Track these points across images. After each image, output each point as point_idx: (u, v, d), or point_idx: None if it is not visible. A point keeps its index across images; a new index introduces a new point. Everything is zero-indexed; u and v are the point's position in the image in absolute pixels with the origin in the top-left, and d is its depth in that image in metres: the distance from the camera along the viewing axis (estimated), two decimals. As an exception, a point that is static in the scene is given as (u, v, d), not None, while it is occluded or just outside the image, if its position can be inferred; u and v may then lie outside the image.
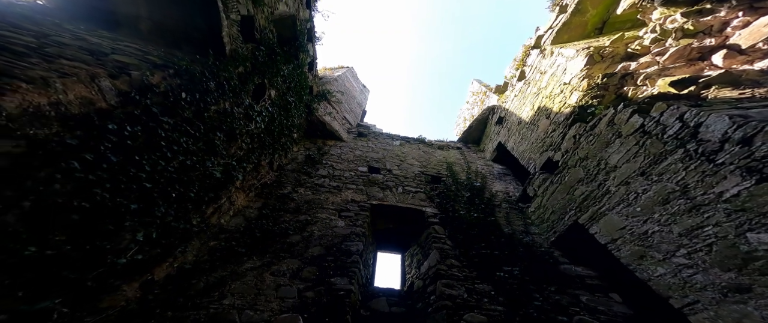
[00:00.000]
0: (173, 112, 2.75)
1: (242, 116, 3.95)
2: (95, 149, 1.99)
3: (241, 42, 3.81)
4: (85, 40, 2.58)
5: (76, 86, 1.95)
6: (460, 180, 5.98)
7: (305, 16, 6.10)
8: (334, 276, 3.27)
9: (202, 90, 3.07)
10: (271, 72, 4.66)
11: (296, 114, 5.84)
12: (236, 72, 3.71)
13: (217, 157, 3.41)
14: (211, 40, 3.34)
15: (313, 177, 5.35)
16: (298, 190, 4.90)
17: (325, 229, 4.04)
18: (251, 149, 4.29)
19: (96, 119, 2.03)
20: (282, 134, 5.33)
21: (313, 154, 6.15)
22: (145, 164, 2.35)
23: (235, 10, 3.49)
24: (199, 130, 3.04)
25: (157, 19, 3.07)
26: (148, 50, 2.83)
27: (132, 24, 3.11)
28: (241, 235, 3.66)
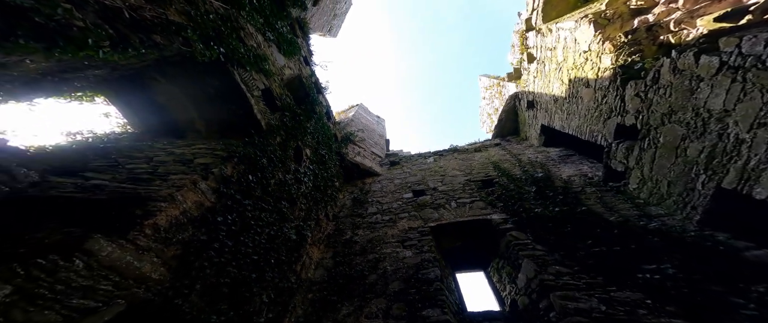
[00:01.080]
0: (248, 194, 3.43)
1: (293, 180, 4.63)
2: (217, 238, 2.62)
3: (270, 113, 4.68)
4: (173, 152, 3.47)
5: (189, 194, 2.66)
6: (516, 176, 5.96)
7: (307, 72, 7.21)
8: (425, 307, 3.41)
9: (260, 167, 3.80)
10: (301, 132, 5.47)
11: (331, 164, 6.54)
12: (276, 143, 4.49)
13: (288, 222, 4.04)
14: (249, 121, 4.18)
15: (365, 217, 5.74)
16: (357, 232, 5.29)
17: (396, 262, 4.28)
18: (309, 207, 4.90)
19: (209, 217, 2.70)
20: (327, 187, 5.95)
21: (357, 195, 6.65)
22: (248, 241, 2.97)
23: (256, 87, 4.39)
24: (269, 203, 3.70)
25: (207, 117, 4.02)
26: (212, 147, 3.67)
27: (192, 127, 4.09)
28: (328, 284, 4.10)
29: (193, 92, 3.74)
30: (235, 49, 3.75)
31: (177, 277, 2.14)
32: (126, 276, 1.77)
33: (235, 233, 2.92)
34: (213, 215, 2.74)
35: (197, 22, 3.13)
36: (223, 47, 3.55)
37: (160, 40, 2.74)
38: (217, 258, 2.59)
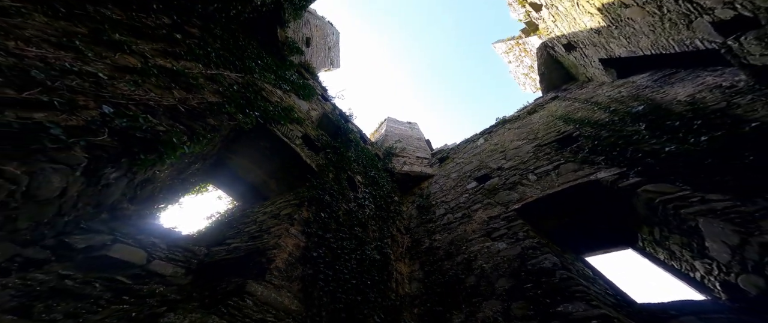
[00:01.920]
0: (326, 228, 3.79)
1: (356, 207, 4.91)
2: (320, 270, 3.00)
3: (315, 155, 5.17)
4: (266, 211, 4.17)
5: (287, 239, 3.09)
6: (603, 121, 5.09)
7: (329, 107, 7.81)
8: (558, 303, 2.86)
9: (326, 204, 4.23)
10: (346, 163, 5.85)
11: (384, 182, 6.74)
12: (330, 179, 4.87)
13: (367, 244, 4.30)
14: (302, 167, 4.72)
15: (436, 220, 5.65)
16: (434, 238, 5.20)
17: (491, 258, 4.02)
18: (380, 226, 5.08)
19: (306, 254, 3.10)
20: (388, 203, 6.12)
21: (420, 202, 6.63)
22: (342, 268, 3.31)
23: (295, 136, 4.94)
24: (345, 232, 4.02)
25: (274, 176, 4.67)
26: (287, 198, 4.18)
27: (267, 187, 4.79)
28: (427, 296, 4.11)
29: (255, 157, 4.46)
30: (265, 109, 4.36)
31: (307, 307, 2.69)
32: (278, 309, 2.32)
33: (330, 263, 3.38)
34: (309, 251, 3.13)
35: (228, 97, 3.77)
36: (256, 111, 4.16)
37: (213, 121, 3.35)
38: (326, 286, 3.04)
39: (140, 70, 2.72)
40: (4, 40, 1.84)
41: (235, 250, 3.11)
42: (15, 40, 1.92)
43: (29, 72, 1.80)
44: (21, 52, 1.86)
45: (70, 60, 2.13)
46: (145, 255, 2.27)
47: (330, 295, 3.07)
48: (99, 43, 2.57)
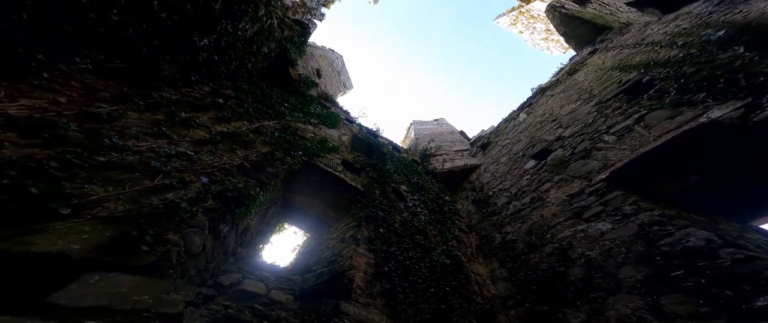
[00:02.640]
0: (389, 242, 4.18)
1: (410, 216, 5.17)
2: (395, 283, 3.35)
3: (358, 176, 5.62)
4: (334, 237, 4.65)
5: (358, 259, 3.51)
6: (678, 58, 4.45)
7: (356, 129, 8.35)
8: (751, 296, 2.22)
9: (381, 219, 4.67)
10: (387, 176, 6.19)
11: (429, 185, 6.94)
12: (377, 195, 5.23)
13: (432, 251, 4.57)
14: (351, 190, 5.24)
15: (501, 212, 5.62)
16: (506, 230, 5.15)
17: (594, 243, 3.48)
18: (440, 230, 5.27)
19: (379, 269, 3.50)
20: (440, 205, 6.29)
21: (474, 196, 6.66)
22: (416, 278, 3.70)
23: (336, 164, 5.45)
24: (406, 242, 4.40)
25: (329, 204, 5.22)
26: (347, 222, 4.65)
27: (327, 216, 5.40)
28: (522, 295, 4.01)
29: (311, 192, 5.04)
30: (305, 147, 4.92)
31: (395, 321, 2.94)
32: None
33: (403, 275, 3.66)
34: (380, 267, 3.46)
35: (274, 144, 4.37)
36: (299, 150, 4.71)
37: (271, 169, 3.91)
38: (406, 298, 3.30)
39: (210, 140, 3.35)
40: (125, 142, 2.49)
41: (321, 275, 3.58)
42: (130, 139, 2.57)
43: (149, 163, 2.40)
44: (138, 149, 2.49)
45: (166, 145, 2.75)
46: (264, 286, 2.88)
47: (413, 307, 3.29)
48: (175, 124, 3.26)
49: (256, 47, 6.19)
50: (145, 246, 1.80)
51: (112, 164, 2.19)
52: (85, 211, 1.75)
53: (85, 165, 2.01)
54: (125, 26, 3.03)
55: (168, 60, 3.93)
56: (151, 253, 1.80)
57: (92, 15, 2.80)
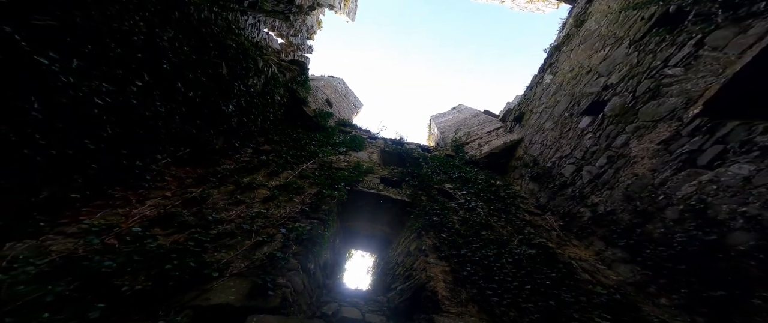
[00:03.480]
0: (455, 245, 4.50)
1: (467, 213, 5.54)
2: (481, 286, 3.64)
3: (401, 188, 6.17)
4: (400, 253, 5.05)
5: (432, 269, 3.89)
6: None
7: (381, 143, 9.00)
8: None
9: (439, 224, 4.98)
10: (426, 179, 6.62)
11: (473, 175, 7.28)
12: (425, 201, 5.66)
13: (507, 243, 4.59)
14: (398, 204, 5.73)
15: (572, 183, 5.53)
16: (592, 201, 4.84)
17: (740, 194, 2.98)
18: (507, 219, 5.48)
19: (457, 275, 3.84)
20: (495, 192, 6.54)
21: (531, 173, 6.76)
22: (503, 277, 3.78)
23: (376, 183, 6.14)
24: (474, 240, 4.62)
25: (383, 223, 5.75)
26: (406, 235, 5.11)
27: (385, 233, 5.91)
28: (669, 279, 3.44)
29: (363, 216, 5.68)
30: (343, 176, 5.63)
31: None
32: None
33: (486, 276, 3.75)
34: (458, 273, 3.79)
35: (319, 183, 5.08)
36: (340, 181, 5.38)
37: (325, 206, 4.59)
38: (501, 301, 3.33)
39: (272, 196, 4.13)
40: (220, 214, 3.28)
41: (402, 292, 3.92)
42: (222, 211, 3.38)
43: (242, 227, 3.15)
44: (230, 218, 3.27)
45: (245, 209, 3.53)
46: (358, 311, 3.38)
47: (514, 308, 3.22)
48: (244, 190, 4.09)
49: (270, 98, 7.14)
50: (270, 291, 2.49)
51: (222, 234, 2.99)
52: (225, 272, 2.49)
53: (208, 239, 2.81)
54: (173, 115, 3.93)
55: (213, 134, 4.85)
56: (276, 295, 2.48)
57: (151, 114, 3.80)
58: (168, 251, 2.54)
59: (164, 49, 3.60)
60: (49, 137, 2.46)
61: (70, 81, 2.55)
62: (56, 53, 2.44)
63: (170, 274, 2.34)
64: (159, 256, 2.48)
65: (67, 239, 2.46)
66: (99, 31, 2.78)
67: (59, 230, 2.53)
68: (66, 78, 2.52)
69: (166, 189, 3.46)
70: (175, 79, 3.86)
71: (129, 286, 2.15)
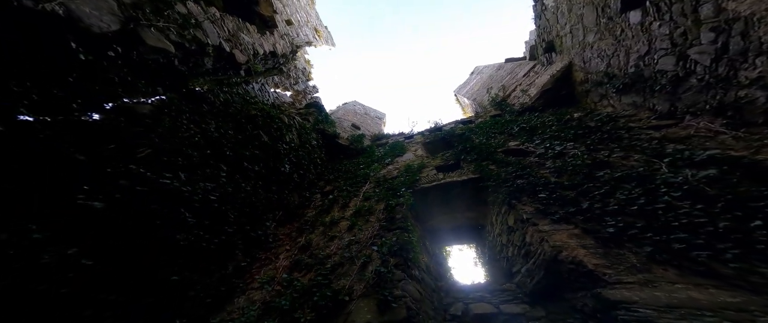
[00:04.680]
0: (566, 199, 4.17)
1: (559, 158, 5.13)
2: (630, 237, 3.20)
3: (461, 169, 6.01)
4: (497, 231, 4.77)
5: (557, 236, 3.61)
6: None
7: (420, 138, 8.90)
8: None
9: (524, 186, 4.64)
10: (481, 147, 6.30)
11: (537, 120, 6.74)
12: (494, 171, 5.37)
13: (659, 172, 3.61)
14: (470, 186, 5.61)
15: (691, 71, 4.23)
16: (747, 76, 3.65)
17: None
18: (626, 145, 4.51)
19: (596, 240, 3.48)
20: (579, 124, 5.86)
21: (613, 87, 5.75)
22: (669, 222, 3.20)
23: (434, 175, 6.15)
24: (593, 187, 4.10)
25: (464, 210, 5.72)
26: (493, 211, 4.90)
27: (471, 219, 5.86)
28: None
29: (440, 210, 5.69)
30: (401, 182, 5.82)
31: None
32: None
33: (650, 226, 3.00)
34: (597, 233, 3.18)
35: (383, 197, 5.28)
36: (400, 187, 5.51)
37: (399, 215, 4.65)
38: (716, 255, 2.63)
39: (352, 224, 4.55)
40: (324, 252, 3.56)
41: (531, 273, 3.46)
42: (325, 249, 3.63)
43: (344, 254, 3.38)
44: (334, 252, 3.57)
45: (339, 241, 3.79)
46: (490, 305, 3.37)
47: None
48: (330, 227, 4.67)
49: (309, 145, 7.58)
50: (393, 303, 2.74)
51: (334, 265, 3.56)
52: (352, 295, 2.97)
53: (328, 272, 3.47)
54: (256, 189, 4.57)
55: (287, 194, 5.56)
56: (400, 307, 2.72)
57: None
58: (309, 287, 3.27)
59: (218, 138, 4.25)
60: (211, 233, 3.66)
61: (190, 189, 3.48)
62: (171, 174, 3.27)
63: (319, 304, 2.96)
64: (306, 292, 3.22)
65: (256, 292, 3.62)
66: (181, 143, 3.58)
67: (250, 287, 3.74)
68: (186, 189, 3.39)
69: (285, 245, 4.48)
70: (239, 160, 4.54)
71: (303, 318, 2.90)
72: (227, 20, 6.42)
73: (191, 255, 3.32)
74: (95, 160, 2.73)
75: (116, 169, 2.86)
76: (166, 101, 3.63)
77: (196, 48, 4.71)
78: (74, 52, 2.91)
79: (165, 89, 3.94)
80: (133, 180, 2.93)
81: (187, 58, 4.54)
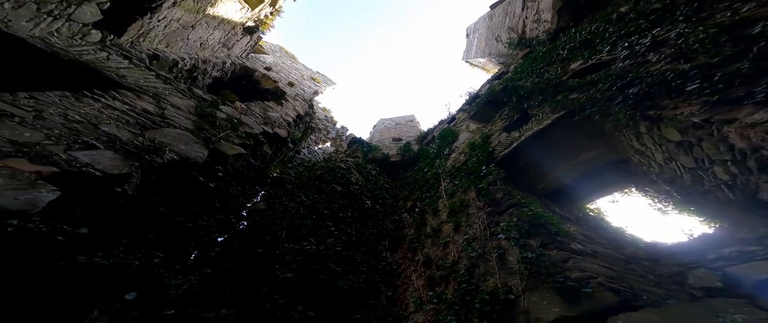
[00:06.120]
0: None
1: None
2: None
3: (540, 110, 5.64)
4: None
5: None
6: None
7: (466, 109, 8.73)
8: None
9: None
10: (522, 88, 5.91)
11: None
12: (591, 93, 5.03)
13: None
14: (567, 115, 5.11)
15: None
16: None
17: None
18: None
19: None
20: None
21: None
22: None
23: (515, 137, 5.70)
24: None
25: (579, 144, 5.11)
26: (626, 128, 4.53)
27: (592, 160, 5.20)
28: None
29: (539, 167, 5.26)
30: (478, 161, 5.67)
31: None
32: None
33: None
34: None
35: (467, 184, 5.19)
36: (482, 166, 5.26)
37: (500, 195, 4.52)
38: None
39: (456, 223, 4.55)
40: (449, 260, 3.63)
41: None
42: (447, 257, 3.71)
43: (470, 255, 3.43)
44: (460, 256, 3.59)
45: (454, 245, 3.80)
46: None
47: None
48: (436, 236, 4.68)
49: (371, 176, 7.99)
50: (583, 287, 2.35)
51: (468, 269, 3.49)
52: (515, 291, 2.76)
53: (468, 277, 3.41)
54: (357, 230, 4.97)
55: (382, 223, 6.11)
56: (597, 290, 2.31)
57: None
58: (461, 296, 3.09)
59: (311, 204, 5.04)
60: (354, 274, 4.32)
61: (323, 247, 4.24)
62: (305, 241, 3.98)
63: (484, 310, 2.75)
64: (462, 303, 3.05)
65: (417, 315, 3.69)
66: (291, 218, 4.00)
67: (408, 311, 3.89)
68: (321, 248, 4.22)
69: (408, 266, 4.64)
70: (334, 213, 5.24)
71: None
72: (252, 107, 7.20)
73: (355, 296, 3.84)
74: (269, 248, 4.00)
75: (283, 250, 3.98)
76: (265, 194, 4.25)
77: (253, 142, 5.37)
78: (204, 183, 3.65)
79: (258, 184, 4.60)
80: (295, 254, 3.88)
81: (254, 153, 5.19)
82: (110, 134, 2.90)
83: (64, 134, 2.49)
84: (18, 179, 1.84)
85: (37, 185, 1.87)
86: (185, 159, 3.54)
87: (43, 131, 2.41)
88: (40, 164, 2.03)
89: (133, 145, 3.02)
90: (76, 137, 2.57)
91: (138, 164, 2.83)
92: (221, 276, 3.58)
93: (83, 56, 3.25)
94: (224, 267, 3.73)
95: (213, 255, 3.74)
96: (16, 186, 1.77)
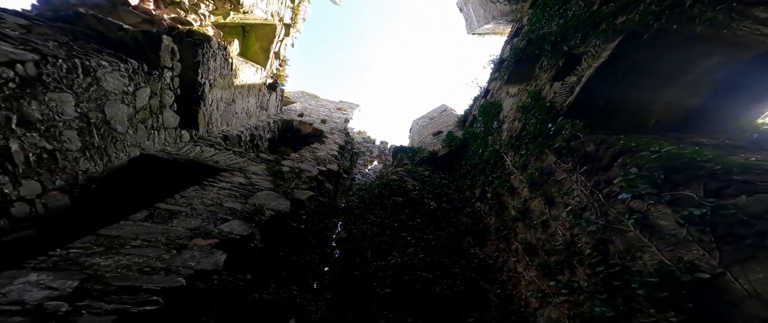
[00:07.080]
0: None
1: None
2: None
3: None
4: None
5: None
6: None
7: (504, 72, 8.77)
8: None
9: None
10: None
11: None
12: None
13: None
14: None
15: None
16: None
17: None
18: None
19: None
20: None
21: None
22: None
23: (563, 90, 5.71)
24: None
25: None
26: None
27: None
28: None
29: (643, 97, 4.97)
30: (544, 109, 5.61)
31: None
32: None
33: None
34: None
35: (539, 147, 5.22)
36: (547, 115, 5.32)
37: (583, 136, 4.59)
38: None
39: (546, 194, 4.56)
40: (556, 241, 3.82)
41: None
42: (553, 239, 3.91)
43: (587, 228, 3.50)
44: (567, 233, 3.72)
45: (554, 220, 3.93)
46: None
47: None
48: (525, 216, 4.78)
49: (425, 178, 8.29)
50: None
51: (597, 243, 3.40)
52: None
53: (589, 257, 3.27)
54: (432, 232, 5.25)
55: (457, 222, 6.18)
56: None
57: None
58: (606, 280, 2.68)
59: (380, 221, 5.60)
60: (449, 278, 4.32)
61: (405, 258, 4.50)
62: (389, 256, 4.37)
63: (664, 296, 2.20)
64: (616, 289, 2.59)
65: (546, 309, 3.48)
66: (371, 238, 4.41)
67: (531, 307, 3.77)
68: (404, 259, 4.47)
69: (509, 257, 4.64)
70: (404, 223, 5.63)
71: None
72: (304, 153, 8.07)
73: (458, 300, 3.98)
74: (362, 268, 4.45)
75: (373, 269, 4.38)
76: (342, 223, 4.86)
77: (316, 183, 6.13)
78: (296, 227, 4.44)
79: (334, 217, 5.24)
80: (385, 270, 4.23)
81: (321, 192, 5.94)
82: (231, 207, 3.84)
83: (210, 216, 3.48)
84: (204, 250, 2.74)
85: (214, 252, 2.73)
86: (278, 212, 4.29)
87: (199, 217, 3.41)
88: (209, 239, 2.98)
89: (246, 211, 3.88)
90: (215, 215, 3.55)
91: (254, 223, 3.62)
92: (338, 299, 4.11)
93: (189, 155, 4.30)
94: (338, 291, 4.27)
95: (326, 283, 4.36)
96: (205, 255, 2.62)
